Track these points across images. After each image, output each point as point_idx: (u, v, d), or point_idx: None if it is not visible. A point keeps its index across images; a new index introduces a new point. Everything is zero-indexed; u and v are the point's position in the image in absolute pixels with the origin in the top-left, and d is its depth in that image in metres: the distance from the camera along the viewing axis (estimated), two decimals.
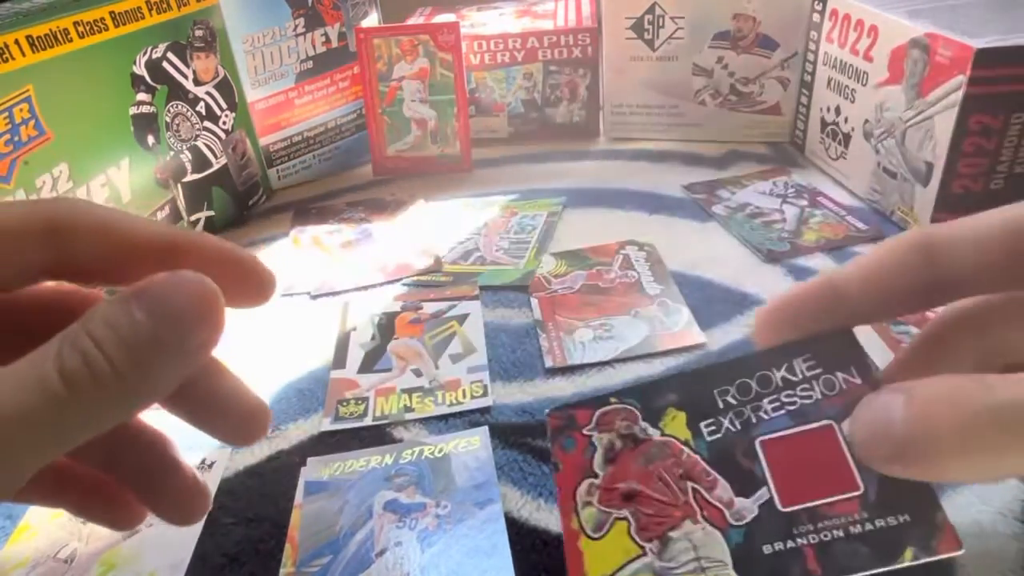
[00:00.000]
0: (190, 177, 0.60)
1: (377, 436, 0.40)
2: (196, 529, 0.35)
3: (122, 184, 0.53)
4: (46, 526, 0.36)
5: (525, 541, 0.33)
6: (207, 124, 0.61)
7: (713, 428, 0.27)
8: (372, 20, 0.74)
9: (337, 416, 0.41)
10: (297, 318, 0.51)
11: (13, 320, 0.23)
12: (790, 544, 0.23)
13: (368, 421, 0.41)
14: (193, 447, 0.40)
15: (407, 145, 0.70)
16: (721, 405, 0.28)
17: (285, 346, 0.48)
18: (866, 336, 0.43)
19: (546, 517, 0.34)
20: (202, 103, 0.60)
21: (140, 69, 0.54)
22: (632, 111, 0.74)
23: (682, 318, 0.46)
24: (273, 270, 0.24)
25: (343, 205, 0.66)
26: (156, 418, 0.43)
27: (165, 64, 0.56)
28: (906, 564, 0.20)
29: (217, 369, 0.25)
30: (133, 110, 0.54)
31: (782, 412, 0.26)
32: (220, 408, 0.25)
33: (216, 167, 0.62)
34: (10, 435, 0.18)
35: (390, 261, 0.56)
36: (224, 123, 0.62)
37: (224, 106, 0.62)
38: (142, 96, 0.54)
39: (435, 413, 0.41)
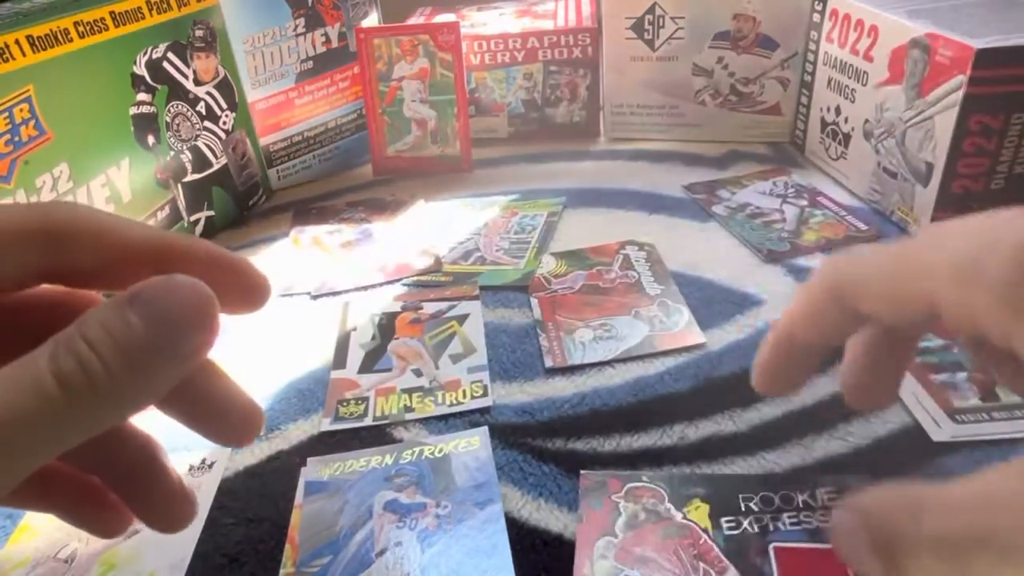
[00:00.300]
0: (190, 177, 0.60)
1: (377, 436, 0.40)
2: (196, 529, 0.35)
3: (122, 184, 0.53)
4: (46, 526, 0.36)
5: (525, 541, 0.33)
6: (207, 124, 0.61)
7: (732, 525, 0.30)
8: (372, 20, 0.74)
9: (337, 416, 0.41)
10: (297, 318, 0.51)
11: (10, 322, 0.23)
12: None
13: (368, 421, 0.41)
14: (192, 447, 0.40)
15: (407, 145, 0.70)
16: (743, 508, 0.31)
17: (285, 346, 0.48)
18: None
19: (546, 517, 0.34)
20: (202, 103, 0.60)
21: (140, 69, 0.54)
22: (632, 111, 0.74)
23: (682, 318, 0.46)
24: (269, 275, 0.24)
25: (343, 205, 0.66)
26: (152, 418, 0.43)
27: (165, 64, 0.56)
28: None
29: (212, 370, 0.25)
30: (133, 110, 0.54)
31: (799, 528, 0.29)
32: (214, 409, 0.25)
33: (216, 167, 0.62)
34: (4, 436, 0.18)
35: (390, 261, 0.56)
36: (224, 123, 0.62)
37: (224, 106, 0.62)
38: (142, 96, 0.54)
39: (435, 413, 0.41)
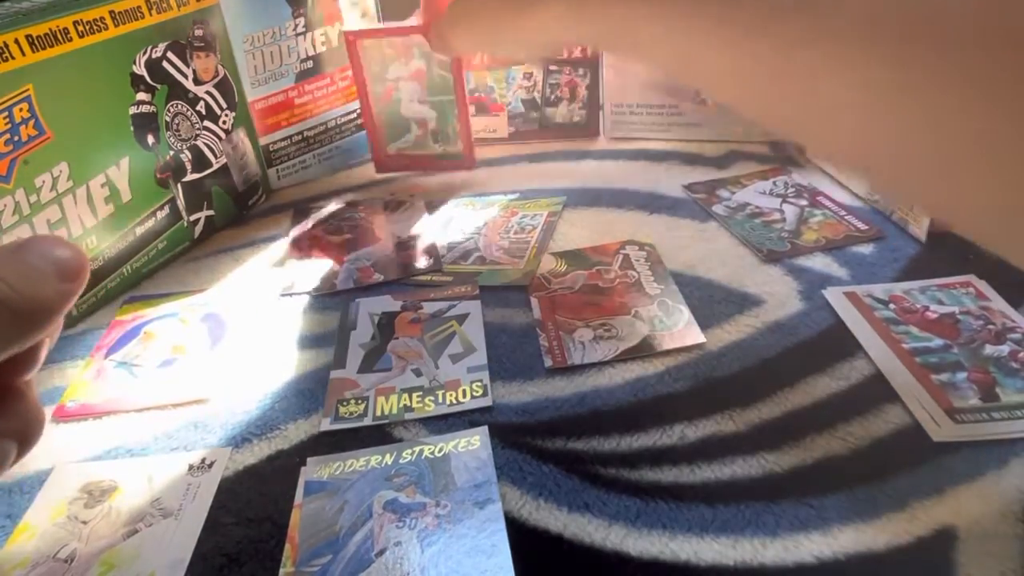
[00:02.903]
0: (190, 176, 0.60)
1: (377, 436, 0.40)
2: (196, 529, 0.35)
3: (122, 184, 0.53)
4: (46, 526, 0.36)
5: (525, 541, 0.33)
6: (207, 123, 0.61)
7: None
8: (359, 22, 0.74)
9: (337, 416, 0.41)
10: (297, 318, 0.51)
11: None
12: None
13: (368, 421, 0.41)
14: (192, 446, 0.40)
15: (408, 143, 0.70)
16: None
17: (285, 346, 0.48)
18: (866, 335, 0.43)
19: (546, 517, 0.34)
20: (202, 102, 0.60)
21: (140, 68, 0.54)
22: (632, 111, 0.74)
23: (682, 318, 0.46)
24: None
25: (343, 205, 0.66)
26: (151, 419, 0.43)
27: (165, 63, 0.56)
28: None
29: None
30: (133, 109, 0.54)
31: None
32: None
33: (216, 167, 0.62)
34: None
35: (390, 261, 0.56)
36: (224, 122, 0.62)
37: (224, 105, 0.62)
38: (142, 95, 0.54)
39: (435, 413, 0.41)
